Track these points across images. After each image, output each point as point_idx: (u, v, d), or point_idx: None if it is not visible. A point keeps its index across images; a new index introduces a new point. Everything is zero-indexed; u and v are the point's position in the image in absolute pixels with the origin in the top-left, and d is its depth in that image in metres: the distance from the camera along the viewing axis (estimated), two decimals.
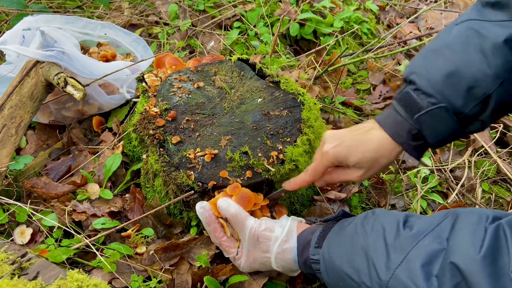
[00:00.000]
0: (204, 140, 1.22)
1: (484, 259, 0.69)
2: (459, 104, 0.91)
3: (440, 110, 0.92)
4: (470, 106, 0.91)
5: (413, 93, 0.95)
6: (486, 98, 0.90)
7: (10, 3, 1.86)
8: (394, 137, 0.97)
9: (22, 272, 0.84)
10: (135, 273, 1.13)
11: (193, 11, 2.21)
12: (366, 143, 1.00)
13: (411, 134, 0.97)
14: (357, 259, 0.87)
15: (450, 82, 0.91)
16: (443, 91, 0.92)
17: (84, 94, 1.35)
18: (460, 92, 0.91)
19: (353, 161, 1.00)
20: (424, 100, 0.93)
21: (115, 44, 1.74)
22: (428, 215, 0.90)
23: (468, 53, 0.91)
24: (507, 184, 1.64)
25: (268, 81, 1.37)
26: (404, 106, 0.96)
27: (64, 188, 1.30)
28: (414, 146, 0.98)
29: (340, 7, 2.26)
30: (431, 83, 0.93)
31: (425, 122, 0.94)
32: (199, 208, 1.09)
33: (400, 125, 0.97)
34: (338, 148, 1.00)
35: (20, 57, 1.46)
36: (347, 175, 1.04)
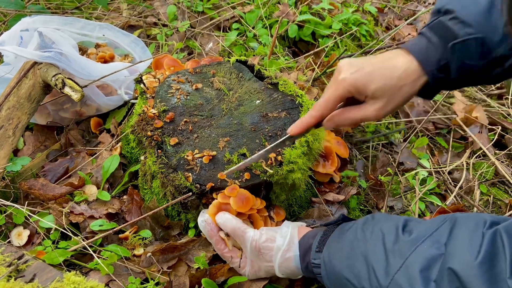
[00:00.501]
0: (202, 141, 1.21)
1: (482, 265, 0.69)
2: (496, 39, 0.86)
3: (476, 42, 0.87)
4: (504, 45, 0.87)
5: (449, 22, 0.90)
6: None
7: (8, 4, 1.86)
8: (424, 63, 0.90)
9: (19, 275, 0.84)
10: (133, 275, 1.12)
11: (191, 12, 2.20)
12: (389, 69, 0.91)
13: (439, 65, 0.90)
14: (357, 264, 0.87)
15: (490, 15, 0.87)
16: (482, 22, 0.87)
17: (82, 95, 1.35)
18: (498, 27, 0.86)
19: (373, 89, 0.90)
20: (462, 29, 0.88)
21: (113, 45, 1.74)
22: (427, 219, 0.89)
23: None
24: (505, 186, 1.64)
25: (267, 83, 1.37)
26: (437, 33, 0.91)
27: (61, 189, 1.30)
28: (436, 79, 0.91)
29: (339, 9, 2.26)
30: (471, 13, 0.88)
31: (457, 52, 0.89)
32: (201, 221, 1.10)
33: (431, 52, 0.90)
34: (357, 74, 0.90)
35: (18, 58, 1.46)
36: (363, 111, 0.93)
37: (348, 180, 1.44)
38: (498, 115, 1.87)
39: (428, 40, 0.91)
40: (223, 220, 1.08)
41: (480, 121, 1.75)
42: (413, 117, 1.81)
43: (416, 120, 1.79)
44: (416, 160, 1.64)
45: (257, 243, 1.04)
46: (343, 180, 1.45)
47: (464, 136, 1.77)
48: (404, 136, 1.77)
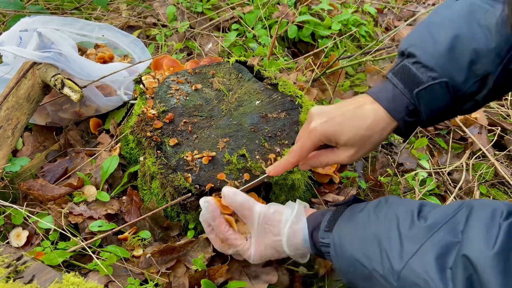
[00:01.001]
0: (202, 142, 1.21)
1: (497, 256, 0.69)
2: (460, 80, 0.87)
3: (440, 85, 0.88)
4: (470, 83, 0.88)
5: (412, 66, 0.91)
6: (485, 76, 0.87)
7: (7, 4, 1.86)
8: (392, 112, 0.92)
9: (18, 275, 0.83)
10: (132, 276, 1.12)
11: (191, 13, 2.20)
12: (358, 119, 0.93)
13: (408, 110, 0.92)
14: (369, 246, 0.86)
15: (452, 56, 0.88)
16: (444, 64, 0.88)
17: (81, 95, 1.34)
18: (462, 67, 0.87)
19: (344, 139, 0.93)
20: (425, 74, 0.89)
21: (112, 45, 1.73)
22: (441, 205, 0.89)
23: (471, 27, 0.87)
24: (504, 187, 1.64)
25: (266, 84, 1.37)
26: (402, 80, 0.91)
27: (60, 190, 1.30)
28: (408, 123, 0.93)
29: (338, 10, 2.26)
30: (432, 56, 0.89)
31: (423, 98, 0.90)
32: (204, 202, 1.06)
33: (398, 100, 0.91)
34: (327, 125, 0.93)
35: (17, 59, 1.46)
36: (335, 156, 0.97)
37: (348, 181, 1.44)
38: (497, 116, 1.87)
39: (394, 86, 0.92)
40: (232, 192, 1.04)
41: (479, 122, 1.75)
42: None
43: None
44: (415, 161, 1.64)
45: (265, 214, 1.02)
46: (343, 180, 1.44)
47: (463, 137, 1.77)
48: None
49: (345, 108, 0.95)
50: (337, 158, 0.97)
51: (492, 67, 0.86)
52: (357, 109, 0.94)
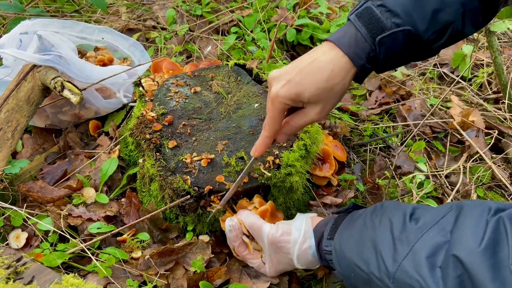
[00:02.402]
0: (201, 144, 1.22)
1: (485, 252, 0.70)
2: (423, 28, 0.86)
3: (403, 33, 0.86)
4: (430, 32, 0.86)
5: (376, 9, 0.87)
6: (446, 26, 0.86)
7: (7, 7, 1.86)
8: (353, 58, 0.88)
9: (18, 277, 0.84)
10: (131, 278, 1.12)
11: (190, 16, 2.21)
12: (316, 73, 0.89)
13: (369, 56, 0.89)
14: (366, 251, 0.89)
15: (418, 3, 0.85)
16: (410, 11, 0.85)
17: (81, 98, 1.35)
18: (426, 15, 0.85)
19: (307, 96, 0.90)
20: (389, 20, 0.86)
21: (112, 48, 1.74)
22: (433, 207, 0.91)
23: None
24: (501, 190, 1.65)
25: (265, 86, 1.37)
26: (365, 24, 0.88)
27: (59, 192, 1.30)
28: (365, 69, 0.90)
29: (337, 13, 2.28)
30: (399, 3, 0.86)
31: (384, 44, 0.87)
32: (229, 226, 1.12)
33: (360, 46, 0.88)
34: (287, 87, 0.90)
35: (17, 61, 1.46)
36: (305, 116, 0.94)
37: (346, 183, 1.45)
38: (494, 119, 1.88)
39: (357, 30, 0.88)
40: (243, 216, 1.11)
41: (476, 125, 1.76)
42: (410, 121, 1.82)
43: (413, 124, 1.80)
44: (413, 163, 1.65)
45: (274, 237, 1.07)
46: (341, 183, 1.45)
47: (461, 140, 1.78)
48: (401, 140, 1.78)
49: (302, 64, 0.91)
50: (306, 118, 0.94)
51: (454, 16, 0.85)
52: (314, 62, 0.90)
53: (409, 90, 1.97)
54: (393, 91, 1.96)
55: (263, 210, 1.14)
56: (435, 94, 2.00)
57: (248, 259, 1.15)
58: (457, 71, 2.09)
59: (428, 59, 0.93)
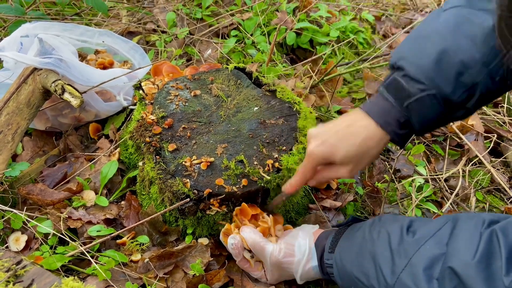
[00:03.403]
0: (200, 148, 1.22)
1: (479, 264, 0.73)
2: (448, 91, 0.89)
3: (429, 97, 0.90)
4: (458, 94, 0.89)
5: (402, 79, 0.92)
6: (473, 86, 0.89)
7: (8, 10, 1.87)
8: (384, 126, 0.94)
9: (17, 280, 0.84)
10: (130, 281, 1.12)
11: (190, 19, 2.22)
12: (350, 138, 0.96)
13: (399, 122, 0.94)
14: (365, 264, 0.92)
15: (440, 68, 0.89)
16: (432, 77, 0.89)
17: (82, 101, 1.35)
18: (449, 78, 0.89)
19: (339, 158, 0.97)
20: (414, 87, 0.90)
21: (112, 51, 1.75)
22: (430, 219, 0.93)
23: (457, 39, 0.89)
24: (501, 194, 1.65)
25: (265, 90, 1.38)
26: (392, 93, 0.94)
27: (59, 195, 1.30)
28: (401, 135, 0.96)
29: (336, 17, 2.29)
30: (420, 69, 0.90)
31: (414, 109, 0.92)
32: (230, 244, 1.13)
33: (389, 113, 0.94)
34: (322, 147, 0.98)
35: (18, 64, 1.47)
36: (336, 172, 1.01)
37: (345, 187, 1.45)
38: (493, 123, 1.88)
39: (385, 100, 0.94)
40: (245, 235, 1.11)
41: (476, 129, 1.77)
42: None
43: None
44: (412, 167, 1.65)
45: (276, 259, 1.08)
46: (340, 186, 1.46)
47: (460, 143, 1.78)
48: None
49: (338, 127, 0.98)
50: (337, 173, 1.01)
51: (480, 77, 0.88)
52: (348, 127, 0.97)
53: None
54: None
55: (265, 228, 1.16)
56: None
57: (250, 271, 1.17)
58: None
59: None
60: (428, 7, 2.68)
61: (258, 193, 1.19)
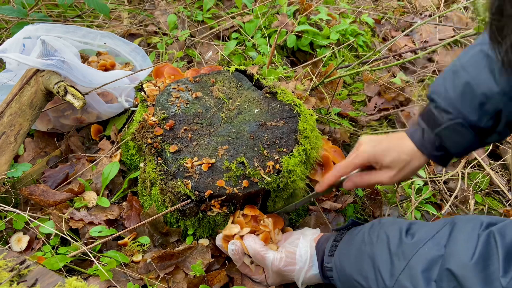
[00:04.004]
0: (202, 149, 1.23)
1: (476, 265, 0.74)
2: (474, 119, 1.00)
3: (457, 125, 1.01)
4: (484, 121, 1.00)
5: (434, 110, 1.06)
6: (497, 113, 0.98)
7: (10, 12, 1.88)
8: (421, 148, 1.07)
9: (21, 279, 0.85)
10: (131, 281, 1.13)
11: (191, 21, 2.23)
12: (402, 146, 1.09)
13: (435, 146, 1.06)
14: (364, 266, 0.93)
15: (464, 100, 1.00)
16: (458, 107, 1.01)
17: (84, 103, 1.36)
18: (474, 108, 1.00)
19: (388, 160, 1.08)
20: (443, 116, 1.03)
21: (114, 53, 1.76)
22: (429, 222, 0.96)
23: (478, 73, 1.00)
24: (499, 196, 1.66)
25: (265, 92, 1.39)
26: (426, 122, 1.07)
27: (61, 195, 1.31)
28: (438, 156, 1.08)
29: (337, 20, 2.30)
30: (448, 101, 1.03)
31: (445, 136, 1.04)
32: (231, 250, 1.14)
33: (426, 138, 1.07)
34: (376, 148, 1.09)
35: (20, 66, 1.48)
36: (379, 176, 1.11)
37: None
38: None
39: (422, 128, 1.09)
40: (246, 243, 1.13)
41: None
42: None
43: None
44: None
45: (278, 268, 1.11)
46: (340, 188, 1.46)
47: None
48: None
49: (391, 137, 1.12)
50: (379, 177, 1.10)
51: (501, 104, 0.98)
52: (400, 139, 1.11)
53: (408, 97, 1.98)
54: (392, 97, 1.98)
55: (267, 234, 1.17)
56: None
57: (251, 276, 1.18)
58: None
59: None
60: (427, 10, 2.69)
61: (259, 195, 1.20)
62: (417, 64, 2.30)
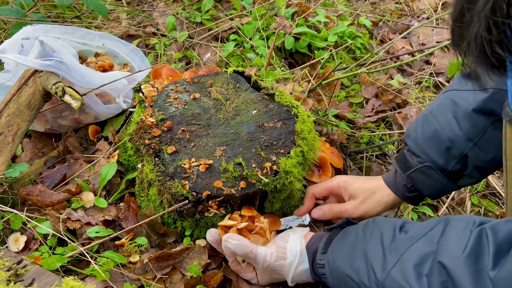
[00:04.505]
0: (199, 150, 1.23)
1: (467, 259, 0.75)
2: (441, 162, 1.08)
3: (426, 168, 1.10)
4: (452, 164, 1.08)
5: (407, 153, 1.14)
6: (464, 157, 1.07)
7: (9, 12, 1.88)
8: (393, 189, 1.17)
9: (18, 279, 0.85)
10: (128, 282, 1.13)
11: (190, 23, 2.24)
12: (369, 180, 1.21)
13: (407, 187, 1.15)
14: (357, 261, 0.94)
15: (432, 144, 1.09)
16: (426, 151, 1.10)
17: (82, 103, 1.37)
18: (441, 152, 1.08)
19: (353, 188, 1.18)
20: (414, 160, 1.12)
21: (112, 54, 1.76)
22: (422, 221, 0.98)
23: (444, 119, 1.09)
24: (496, 198, 1.67)
25: (263, 93, 1.39)
26: (399, 164, 1.16)
27: (59, 196, 1.31)
28: (410, 197, 1.17)
29: (334, 22, 2.31)
30: (417, 145, 1.12)
31: (416, 178, 1.12)
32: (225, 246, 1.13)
33: (397, 180, 1.16)
34: (345, 177, 1.23)
35: (19, 66, 1.48)
36: (345, 206, 1.20)
37: None
38: None
39: (395, 169, 1.18)
40: (233, 246, 1.11)
41: None
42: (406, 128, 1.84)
43: None
44: None
45: (269, 263, 1.10)
46: None
47: None
48: (397, 148, 1.80)
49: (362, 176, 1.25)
50: (346, 206, 1.20)
51: (466, 149, 1.06)
52: (373, 178, 1.22)
53: (405, 99, 1.99)
54: (390, 99, 1.99)
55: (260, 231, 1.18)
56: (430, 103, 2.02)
57: (241, 273, 1.18)
58: (453, 80, 2.11)
59: None
60: (425, 13, 2.70)
61: (256, 196, 1.20)
62: (414, 67, 2.31)
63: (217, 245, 1.18)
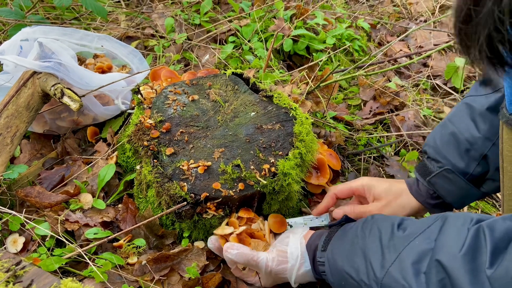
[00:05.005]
0: (198, 152, 1.24)
1: (465, 256, 0.76)
2: (462, 165, 1.09)
3: (446, 172, 1.10)
4: (472, 167, 1.09)
5: (427, 161, 1.16)
6: (484, 158, 1.07)
7: (8, 13, 1.88)
8: (415, 196, 1.18)
9: (17, 280, 0.85)
10: (126, 283, 1.14)
11: (189, 25, 2.24)
12: (394, 183, 1.21)
13: (429, 194, 1.16)
14: (356, 259, 0.95)
15: (450, 147, 1.11)
16: (446, 156, 1.11)
17: (81, 105, 1.37)
18: (460, 154, 1.09)
19: (379, 190, 1.19)
20: (434, 165, 1.13)
21: (111, 56, 1.76)
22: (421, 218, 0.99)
23: (461, 122, 1.11)
24: (493, 200, 1.68)
25: (262, 96, 1.40)
26: (419, 172, 1.18)
27: (57, 197, 1.31)
28: (433, 204, 1.17)
29: (333, 25, 2.32)
30: (436, 151, 1.14)
31: (437, 183, 1.13)
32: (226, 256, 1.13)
33: (419, 187, 1.17)
34: (371, 179, 1.23)
35: (18, 68, 1.48)
36: (369, 207, 1.20)
37: None
38: None
39: (417, 178, 1.19)
40: (234, 256, 1.11)
41: None
42: (404, 131, 1.85)
43: (406, 134, 1.83)
44: (406, 173, 1.68)
45: (271, 268, 1.11)
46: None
47: None
48: (395, 150, 1.81)
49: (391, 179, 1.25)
50: (369, 208, 1.20)
51: (485, 149, 1.06)
52: (397, 182, 1.22)
53: (403, 101, 2.00)
54: (387, 102, 2.00)
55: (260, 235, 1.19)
56: (428, 105, 2.04)
57: (244, 278, 1.19)
58: (450, 82, 2.12)
59: None
60: (422, 16, 2.72)
61: (254, 197, 1.21)
62: (412, 69, 2.32)
63: (219, 252, 1.18)
